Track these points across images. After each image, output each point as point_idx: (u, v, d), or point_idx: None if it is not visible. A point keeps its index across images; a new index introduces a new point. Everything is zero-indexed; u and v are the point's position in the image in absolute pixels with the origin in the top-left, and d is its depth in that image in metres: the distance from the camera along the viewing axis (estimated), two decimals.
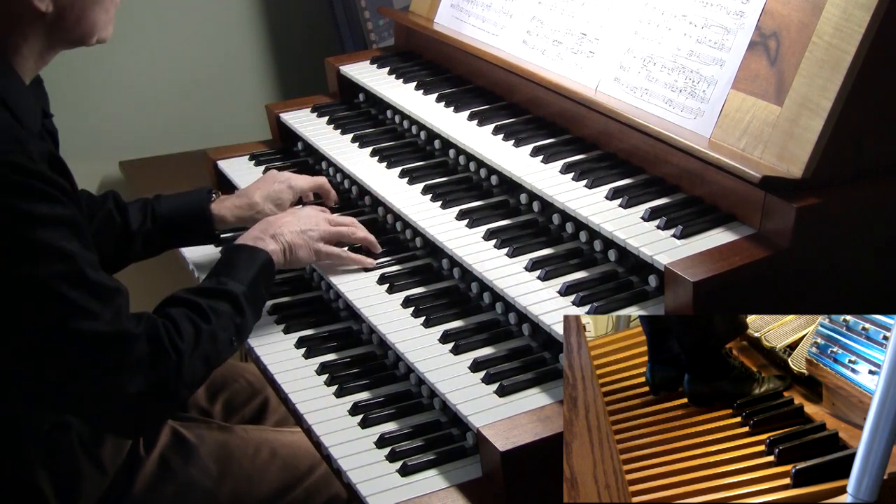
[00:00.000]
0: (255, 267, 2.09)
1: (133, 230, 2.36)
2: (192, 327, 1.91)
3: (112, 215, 2.35)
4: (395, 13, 3.12)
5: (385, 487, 1.79)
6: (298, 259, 2.22)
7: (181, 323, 1.90)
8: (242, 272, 2.07)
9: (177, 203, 2.42)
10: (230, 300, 2.00)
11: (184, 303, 1.96)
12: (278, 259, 2.16)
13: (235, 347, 2.03)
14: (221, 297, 2.00)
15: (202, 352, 1.91)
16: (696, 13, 2.13)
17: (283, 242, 2.18)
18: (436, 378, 1.93)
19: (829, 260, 1.87)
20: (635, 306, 1.92)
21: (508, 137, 2.38)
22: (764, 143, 1.93)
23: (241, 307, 2.01)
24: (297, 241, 2.20)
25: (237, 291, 2.01)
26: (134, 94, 3.94)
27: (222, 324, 1.96)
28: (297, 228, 2.22)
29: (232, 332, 1.99)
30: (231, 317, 1.99)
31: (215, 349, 1.94)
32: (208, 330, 1.92)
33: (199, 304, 1.95)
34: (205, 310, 1.95)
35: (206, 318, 1.94)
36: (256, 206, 2.43)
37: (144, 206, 2.40)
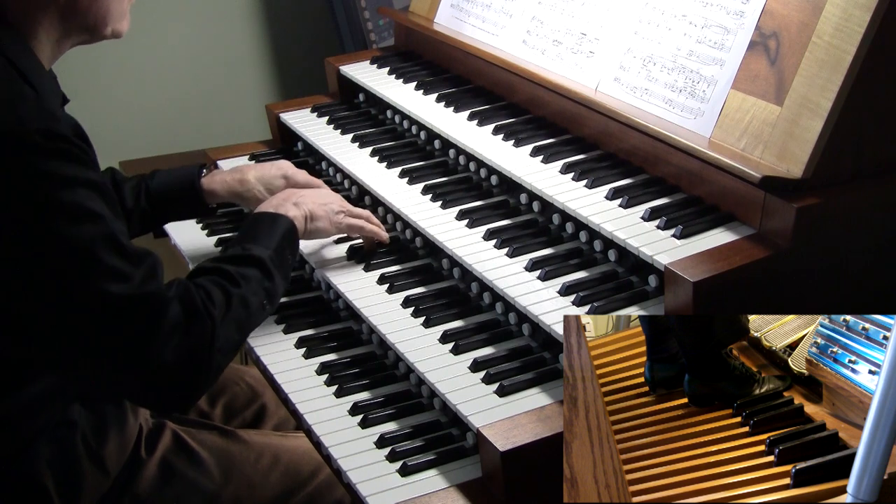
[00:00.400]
0: (279, 233, 2.10)
1: (128, 207, 2.37)
2: (222, 293, 1.88)
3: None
4: (395, 13, 3.12)
5: (385, 487, 1.79)
6: (318, 229, 2.23)
7: (212, 290, 1.87)
8: (266, 238, 2.06)
9: (168, 178, 2.43)
10: (257, 265, 1.98)
11: (212, 271, 1.94)
12: (300, 225, 2.17)
13: (268, 311, 2.01)
14: (248, 263, 1.98)
15: (234, 316, 1.88)
16: (696, 13, 2.13)
17: (304, 209, 2.20)
18: (436, 378, 1.93)
19: (829, 260, 1.87)
20: (635, 306, 1.92)
21: (508, 137, 2.38)
22: (764, 143, 1.93)
23: (269, 271, 1.99)
24: (318, 211, 2.23)
25: (263, 256, 2.00)
26: (134, 94, 3.94)
27: (252, 288, 1.94)
28: (318, 200, 2.25)
29: (263, 297, 1.97)
30: (260, 281, 1.97)
31: (247, 313, 1.92)
32: (239, 294, 1.90)
33: (227, 271, 1.93)
34: (233, 275, 1.93)
35: (236, 282, 1.92)
36: (248, 183, 2.43)
37: (139, 183, 2.41)
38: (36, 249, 1.71)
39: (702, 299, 1.76)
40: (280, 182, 2.44)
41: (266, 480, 2.16)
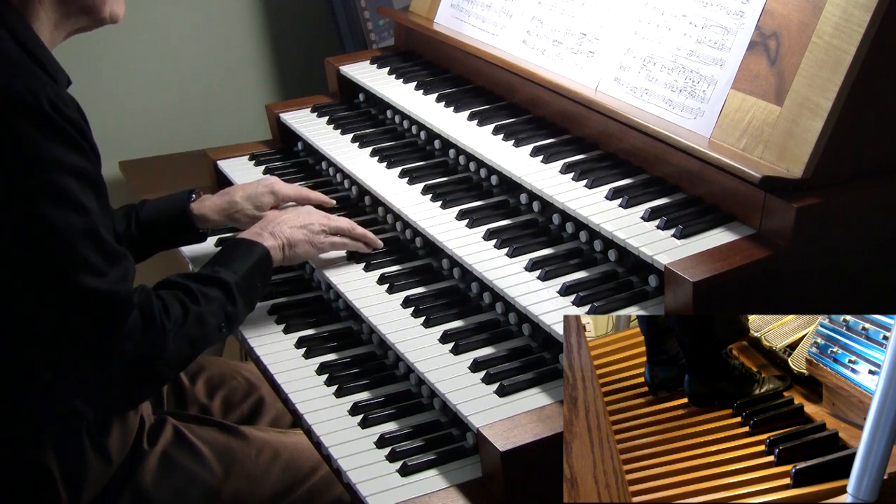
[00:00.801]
0: (251, 259, 2.12)
1: (118, 234, 2.38)
2: (180, 307, 1.93)
3: None
4: (395, 13, 3.12)
5: (385, 487, 1.79)
6: (298, 255, 2.24)
7: (170, 303, 1.92)
8: (237, 263, 2.10)
9: (158, 206, 2.45)
10: (222, 287, 2.03)
11: (175, 286, 1.99)
12: (276, 255, 2.18)
13: (224, 334, 2.05)
14: (213, 284, 2.02)
15: (188, 332, 1.93)
16: (696, 13, 2.13)
17: (281, 238, 2.20)
18: (436, 378, 1.93)
19: (829, 260, 1.87)
20: (635, 306, 1.92)
21: (508, 137, 2.38)
22: (764, 143, 1.93)
23: (232, 295, 2.03)
24: (297, 236, 2.23)
25: (230, 280, 2.04)
26: (134, 94, 3.94)
27: (211, 309, 1.99)
28: (296, 224, 2.24)
29: (221, 319, 2.01)
30: (221, 304, 2.01)
31: (202, 331, 1.96)
32: (196, 311, 1.95)
33: (189, 288, 1.98)
34: (195, 293, 1.97)
35: (196, 300, 1.97)
36: (237, 205, 2.44)
37: (129, 212, 2.43)
38: (17, 227, 1.75)
39: (702, 299, 1.76)
40: (268, 199, 2.46)
41: (266, 476, 2.17)
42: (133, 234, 2.40)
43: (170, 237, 2.48)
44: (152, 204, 2.45)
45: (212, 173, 2.94)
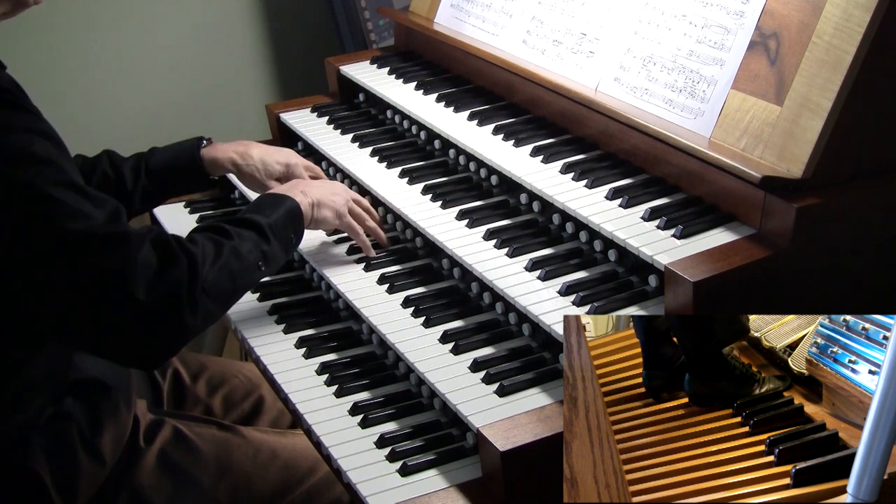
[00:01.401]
0: (282, 209, 2.13)
1: (128, 188, 2.38)
2: (212, 244, 1.91)
3: (107, 176, 2.37)
4: (395, 13, 3.12)
5: (385, 487, 1.79)
6: (323, 217, 2.25)
7: (201, 240, 1.89)
8: (267, 210, 2.10)
9: (168, 154, 2.45)
10: (255, 228, 2.03)
11: (208, 228, 1.98)
12: (305, 210, 2.20)
13: (263, 272, 2.03)
14: (245, 225, 2.02)
15: (225, 264, 1.89)
16: (696, 13, 2.13)
17: (311, 196, 2.22)
18: (436, 378, 1.93)
19: (829, 260, 1.87)
20: (635, 306, 1.92)
21: (508, 137, 2.38)
22: (764, 143, 1.93)
23: (266, 235, 2.03)
24: (325, 200, 2.25)
25: (262, 222, 2.04)
26: (134, 94, 3.94)
27: (246, 245, 1.97)
28: (327, 190, 2.27)
29: (258, 256, 1.99)
30: (256, 242, 2.00)
31: (241, 265, 1.93)
32: (231, 246, 1.93)
33: (222, 227, 1.97)
34: (228, 231, 1.96)
35: (230, 236, 1.95)
36: (249, 157, 2.45)
37: (137, 162, 2.42)
38: None
39: (702, 299, 1.76)
40: (278, 168, 2.47)
41: (263, 475, 2.17)
42: (144, 185, 2.40)
43: (181, 185, 2.49)
44: (162, 152, 2.45)
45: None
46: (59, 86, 3.76)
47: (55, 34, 3.69)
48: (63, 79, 3.76)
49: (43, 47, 3.68)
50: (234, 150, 2.46)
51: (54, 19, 3.68)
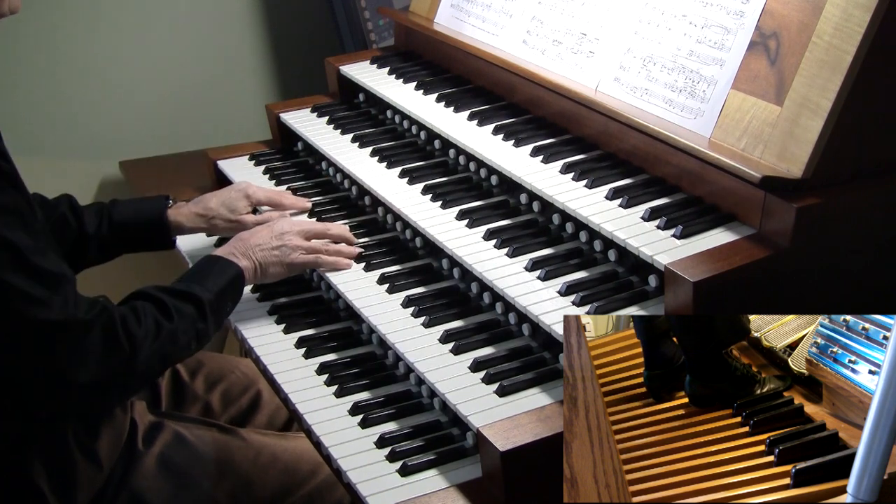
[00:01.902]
0: (225, 279, 2.14)
1: (89, 234, 2.38)
2: (153, 323, 1.94)
3: (66, 219, 2.37)
4: (395, 13, 3.12)
5: (385, 487, 1.79)
6: (270, 275, 2.26)
7: (144, 317, 1.93)
8: (211, 281, 2.11)
9: (133, 209, 2.45)
10: (195, 304, 2.04)
11: (150, 298, 1.99)
12: (249, 276, 2.21)
13: (193, 350, 2.07)
14: (187, 300, 2.04)
15: (160, 348, 1.94)
16: (696, 13, 2.13)
17: (254, 261, 2.22)
18: (436, 378, 1.93)
19: (829, 260, 1.87)
20: (635, 306, 1.92)
21: (508, 137, 2.38)
22: (764, 143, 1.93)
23: (204, 313, 2.05)
24: (269, 258, 2.24)
25: (203, 297, 2.06)
26: (134, 94, 3.94)
27: (183, 326, 2.00)
28: (269, 245, 2.26)
29: (192, 336, 2.02)
30: (193, 320, 2.03)
31: (174, 348, 1.98)
32: (169, 328, 1.96)
33: (164, 302, 1.99)
34: (169, 308, 1.98)
35: (170, 316, 1.97)
36: (212, 211, 2.47)
37: (100, 210, 2.42)
38: None
39: (702, 299, 1.76)
40: (243, 203, 2.49)
41: (264, 478, 2.17)
42: (104, 235, 2.40)
43: (141, 241, 2.48)
44: (126, 206, 2.45)
45: (212, 173, 2.94)
46: (59, 86, 3.76)
47: (55, 34, 3.69)
48: (63, 79, 3.76)
49: (43, 47, 3.68)
50: (195, 211, 2.46)
51: (54, 19, 3.68)
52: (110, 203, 2.45)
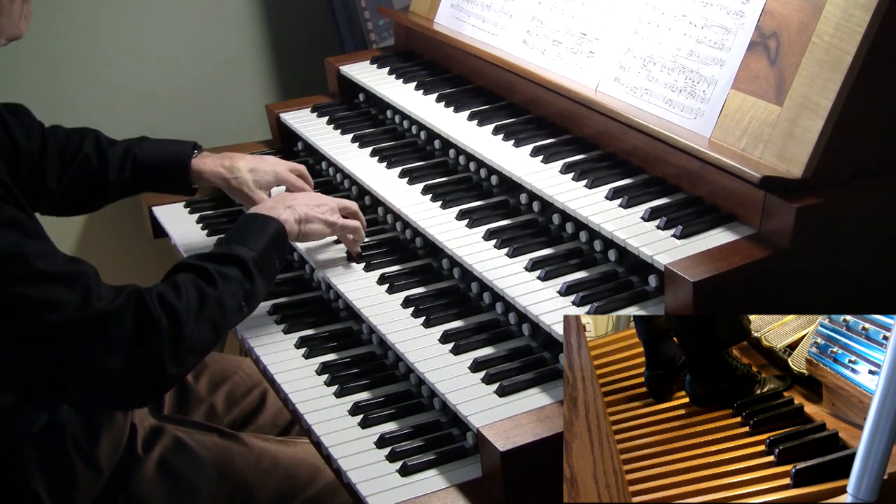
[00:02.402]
0: (267, 235, 2.08)
1: (111, 179, 2.36)
2: (196, 292, 1.88)
3: (89, 160, 2.34)
4: (395, 13, 3.12)
5: (385, 487, 1.79)
6: (312, 231, 2.21)
7: (186, 289, 1.87)
8: (253, 239, 2.05)
9: (159, 152, 2.42)
10: (239, 265, 1.98)
11: (191, 268, 1.94)
12: (291, 228, 2.16)
13: (245, 313, 2.02)
14: (230, 262, 1.97)
15: (208, 316, 1.88)
16: (696, 13, 2.13)
17: (298, 213, 2.18)
18: (436, 378, 1.93)
19: (829, 260, 1.87)
20: (635, 306, 1.92)
21: (508, 137, 2.38)
22: (764, 143, 1.93)
23: (250, 273, 1.99)
24: (312, 213, 2.21)
25: (247, 257, 1.99)
26: (133, 93, 3.93)
27: (230, 290, 1.94)
28: (311, 202, 2.23)
29: (241, 298, 1.97)
30: (240, 282, 1.97)
31: (222, 314, 1.92)
32: (215, 295, 1.90)
33: (206, 269, 1.93)
34: (212, 274, 1.92)
35: (213, 282, 1.92)
36: (237, 171, 2.42)
37: (126, 152, 2.39)
38: None
39: (702, 299, 1.76)
40: (269, 177, 2.44)
41: (264, 484, 2.17)
42: (126, 179, 2.38)
43: (162, 184, 2.47)
44: (153, 147, 2.42)
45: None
46: (59, 85, 3.76)
47: (55, 34, 3.69)
48: (63, 79, 3.75)
49: (43, 47, 3.68)
50: (222, 164, 2.43)
51: (55, 19, 3.68)
52: (137, 141, 2.42)
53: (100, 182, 2.36)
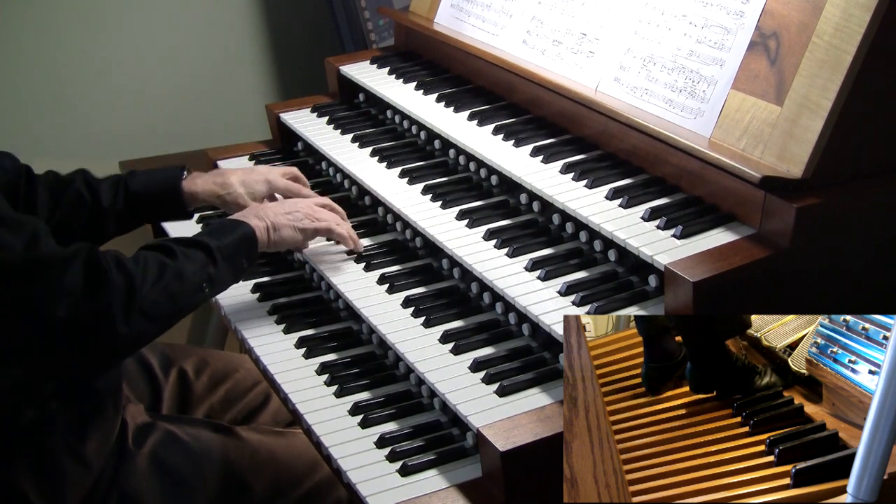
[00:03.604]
0: (235, 234, 2.12)
1: (105, 208, 2.36)
2: (156, 262, 1.92)
3: (81, 195, 2.35)
4: (395, 13, 3.12)
5: (385, 487, 1.79)
6: (283, 238, 2.22)
7: (145, 259, 1.91)
8: (220, 235, 2.09)
9: (149, 180, 2.42)
10: (204, 249, 2.02)
11: (153, 247, 1.98)
12: (261, 235, 2.17)
13: (207, 294, 2.04)
14: (195, 246, 2.02)
15: (166, 285, 1.90)
16: (696, 13, 2.13)
17: (266, 220, 2.19)
18: (436, 378, 1.93)
19: (829, 260, 1.87)
20: (635, 306, 1.92)
21: (508, 137, 2.38)
22: (764, 143, 1.93)
23: (214, 258, 2.02)
24: (282, 220, 2.21)
25: (212, 244, 2.03)
26: (134, 94, 3.94)
27: (191, 267, 1.97)
28: (281, 210, 2.23)
29: (203, 278, 1.99)
30: (203, 264, 2.00)
31: (182, 287, 1.94)
32: (174, 266, 1.93)
33: (170, 247, 1.97)
34: (174, 251, 1.96)
35: (174, 256, 1.95)
36: (230, 186, 2.43)
37: (116, 183, 2.40)
38: None
39: (702, 299, 1.76)
40: (262, 186, 2.45)
41: (261, 476, 2.17)
42: (120, 208, 2.38)
43: (157, 213, 2.48)
44: (142, 177, 2.42)
45: None
46: (59, 86, 3.76)
47: (56, 34, 3.69)
48: (64, 79, 3.76)
49: (44, 47, 3.69)
50: (213, 181, 2.43)
51: (55, 19, 3.68)
52: (128, 174, 2.43)
53: (94, 214, 2.35)
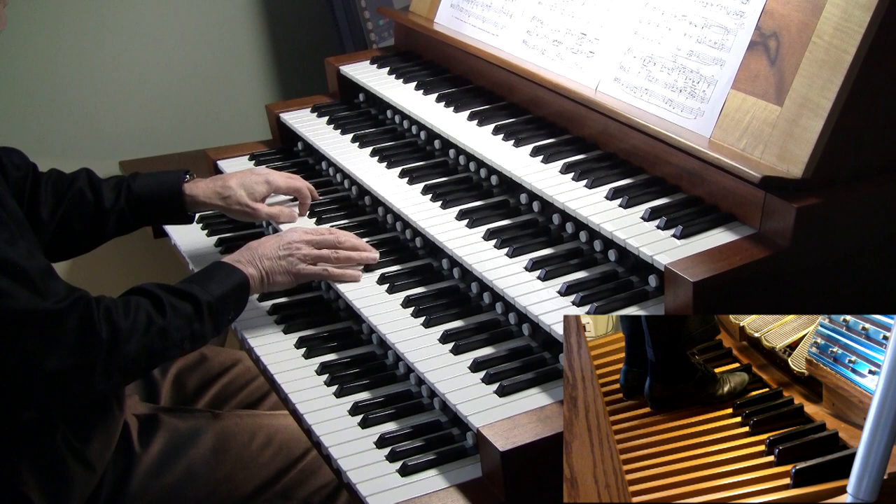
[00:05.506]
0: (229, 284, 2.12)
1: (106, 208, 2.37)
2: (145, 317, 1.93)
3: (84, 194, 2.36)
4: (395, 13, 3.12)
5: (385, 487, 1.79)
6: (277, 283, 2.23)
7: (136, 311, 1.92)
8: (215, 285, 2.10)
9: (152, 182, 2.43)
10: (193, 303, 2.03)
11: (147, 294, 1.99)
12: (255, 284, 2.18)
13: (186, 350, 2.06)
14: (185, 299, 2.02)
15: (148, 343, 1.93)
16: (696, 13, 2.13)
17: (261, 270, 2.19)
18: (436, 378, 1.93)
19: (829, 260, 1.87)
20: (635, 306, 1.92)
21: (508, 137, 2.38)
22: (764, 143, 1.93)
23: (202, 314, 2.03)
24: (276, 267, 2.21)
25: (203, 299, 2.04)
26: (134, 94, 3.94)
27: (177, 323, 1.98)
28: (276, 255, 2.22)
29: (186, 334, 2.01)
30: (189, 319, 2.01)
31: (163, 345, 1.96)
32: (160, 325, 1.95)
33: (160, 298, 1.98)
34: (164, 304, 1.97)
35: (163, 312, 1.97)
36: (230, 189, 2.44)
37: (119, 184, 2.41)
38: None
39: (702, 299, 1.76)
40: (262, 188, 2.47)
41: (260, 460, 2.19)
42: (122, 209, 2.39)
43: (159, 215, 2.48)
44: (145, 179, 2.44)
45: (212, 173, 2.94)
46: (60, 86, 3.76)
47: (56, 34, 3.69)
48: (64, 79, 3.76)
49: (44, 47, 3.68)
50: (214, 186, 2.45)
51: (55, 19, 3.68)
52: (130, 176, 2.44)
53: (96, 214, 2.37)
